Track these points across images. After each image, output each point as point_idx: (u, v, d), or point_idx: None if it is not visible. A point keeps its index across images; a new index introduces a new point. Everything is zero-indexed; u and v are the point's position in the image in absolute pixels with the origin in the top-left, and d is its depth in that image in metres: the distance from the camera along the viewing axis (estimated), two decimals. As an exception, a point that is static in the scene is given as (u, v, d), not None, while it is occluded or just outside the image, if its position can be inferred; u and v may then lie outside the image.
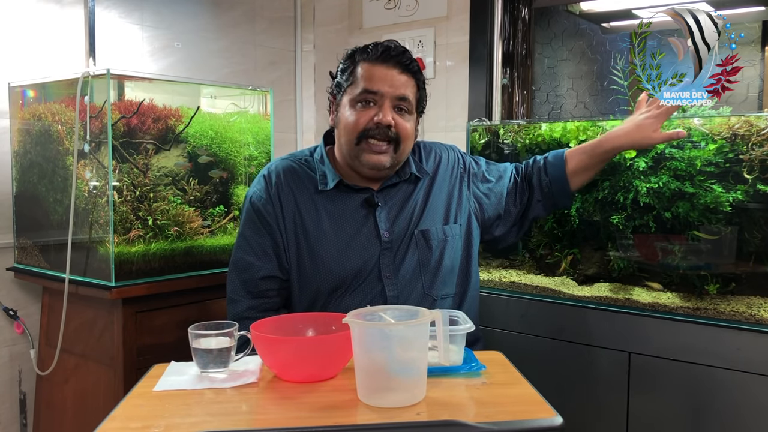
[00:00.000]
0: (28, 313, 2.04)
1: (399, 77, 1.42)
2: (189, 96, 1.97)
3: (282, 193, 1.49)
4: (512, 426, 0.94)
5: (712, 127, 1.65)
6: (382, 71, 1.42)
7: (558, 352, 1.79)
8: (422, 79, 1.50)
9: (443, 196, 1.57)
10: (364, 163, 1.45)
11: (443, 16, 2.57)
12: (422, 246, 1.50)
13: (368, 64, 1.43)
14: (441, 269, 1.51)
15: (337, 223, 1.47)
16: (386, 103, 1.42)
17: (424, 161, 1.59)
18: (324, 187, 1.48)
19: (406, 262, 1.48)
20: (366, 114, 1.42)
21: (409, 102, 1.45)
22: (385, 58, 1.42)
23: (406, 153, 1.49)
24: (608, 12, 2.91)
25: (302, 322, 1.25)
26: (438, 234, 1.52)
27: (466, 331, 1.18)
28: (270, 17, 2.75)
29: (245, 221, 1.52)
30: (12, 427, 2.04)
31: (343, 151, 1.49)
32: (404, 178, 1.53)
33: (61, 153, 1.82)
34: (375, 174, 1.48)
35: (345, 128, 1.45)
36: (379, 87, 1.41)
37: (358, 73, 1.44)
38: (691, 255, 1.69)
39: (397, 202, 1.52)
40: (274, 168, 1.54)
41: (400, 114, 1.44)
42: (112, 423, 0.97)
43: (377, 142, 1.42)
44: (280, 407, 1.03)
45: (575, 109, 3.00)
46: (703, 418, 1.59)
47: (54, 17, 2.07)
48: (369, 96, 1.42)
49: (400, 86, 1.42)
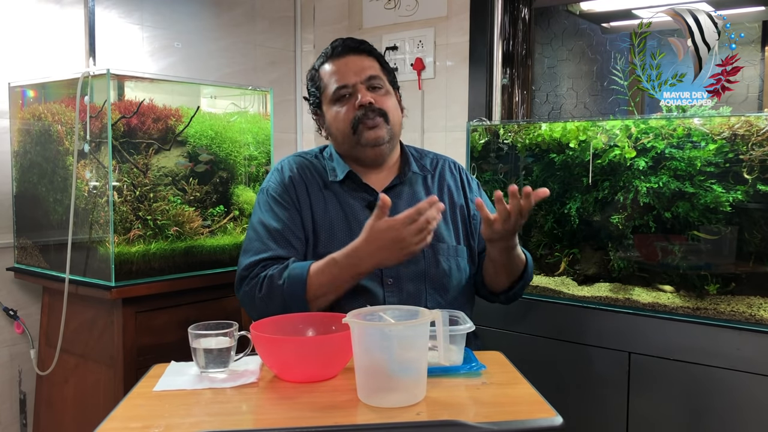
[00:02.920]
0: (28, 313, 2.04)
1: (359, 62, 1.51)
2: (189, 96, 1.97)
3: (296, 184, 1.51)
4: (512, 426, 0.95)
5: (712, 127, 1.65)
6: (342, 63, 1.51)
7: (558, 352, 1.79)
8: (379, 55, 1.57)
9: (455, 214, 1.56)
10: (365, 143, 1.48)
11: (443, 16, 2.57)
12: (429, 259, 1.47)
13: (328, 64, 1.53)
14: (449, 288, 1.48)
15: (343, 221, 1.48)
16: (361, 88, 1.49)
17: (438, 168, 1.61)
18: (334, 178, 1.51)
19: (409, 271, 1.45)
20: (348, 105, 1.49)
21: (379, 78, 1.51)
22: (340, 52, 1.52)
23: (397, 124, 1.53)
24: (608, 12, 2.91)
25: (302, 322, 1.25)
26: (449, 251, 1.50)
27: (466, 331, 1.18)
28: (270, 17, 2.75)
29: (263, 208, 1.50)
30: (12, 427, 2.04)
31: (344, 148, 1.52)
32: (405, 178, 1.54)
33: (61, 153, 1.82)
34: (377, 153, 1.49)
35: (337, 128, 1.51)
36: (346, 79, 1.49)
37: (325, 77, 1.53)
38: (691, 255, 1.69)
39: (401, 205, 1.50)
40: (286, 162, 1.57)
41: (375, 92, 1.50)
42: (112, 423, 0.97)
43: (369, 119, 1.47)
44: (280, 407, 1.03)
45: (575, 109, 3.00)
46: (703, 418, 1.59)
47: (54, 17, 2.07)
48: (343, 90, 1.49)
49: (364, 68, 1.50)
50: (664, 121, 1.70)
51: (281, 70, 2.81)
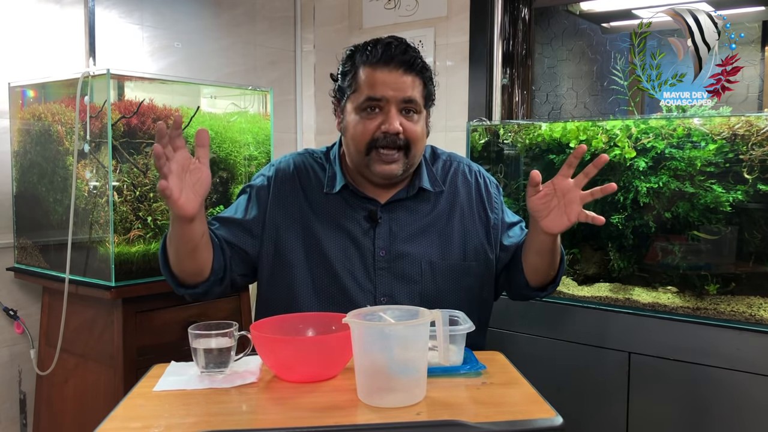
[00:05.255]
0: (28, 313, 2.04)
1: (403, 79, 1.33)
2: (189, 96, 1.97)
3: (287, 186, 1.44)
4: (512, 426, 0.94)
5: (712, 127, 1.65)
6: (385, 75, 1.33)
7: (558, 352, 1.79)
8: (428, 75, 1.40)
9: (464, 229, 1.45)
10: (376, 174, 1.37)
11: (443, 16, 2.57)
12: (427, 279, 1.39)
13: (369, 68, 1.34)
14: (445, 305, 1.32)
15: (337, 231, 1.41)
16: (392, 108, 1.33)
17: (449, 177, 1.49)
18: (330, 190, 1.42)
19: (405, 291, 1.39)
20: (372, 122, 1.34)
21: (416, 102, 1.36)
22: (387, 60, 1.33)
23: (418, 155, 1.40)
24: (608, 12, 2.91)
25: (302, 322, 1.25)
26: (451, 270, 1.41)
27: (466, 331, 1.18)
28: (270, 17, 2.75)
29: (239, 196, 1.48)
30: (12, 427, 2.04)
31: (354, 161, 1.40)
32: (412, 193, 1.42)
33: (61, 153, 1.82)
34: (385, 182, 1.40)
35: (353, 139, 1.37)
36: (383, 93, 1.32)
37: (360, 79, 1.35)
38: (691, 255, 1.69)
39: (403, 220, 1.42)
40: (286, 159, 1.49)
41: (408, 116, 1.35)
42: (112, 423, 0.97)
43: (387, 151, 1.34)
44: (280, 407, 1.03)
45: (575, 109, 3.00)
46: (703, 418, 1.59)
47: (54, 17, 2.07)
48: (373, 103, 1.34)
49: (405, 89, 1.33)
50: (664, 121, 1.70)
51: (281, 70, 2.81)
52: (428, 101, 1.41)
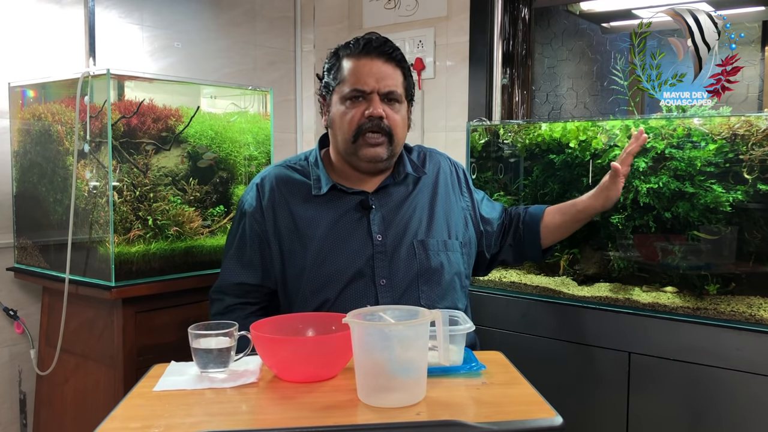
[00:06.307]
0: (28, 313, 2.04)
1: (384, 68, 1.46)
2: (189, 96, 1.97)
3: (275, 202, 1.51)
4: (512, 426, 0.95)
5: (712, 127, 1.65)
6: (367, 65, 1.45)
7: (558, 352, 1.79)
8: (407, 67, 1.52)
9: (446, 209, 1.57)
10: (362, 158, 1.47)
11: (443, 16, 2.57)
12: (421, 257, 1.48)
13: (352, 59, 1.47)
14: (441, 283, 1.49)
15: (331, 227, 1.47)
16: (375, 96, 1.45)
17: (427, 164, 1.61)
18: (318, 191, 1.49)
19: (402, 271, 1.46)
20: (357, 110, 1.45)
21: (397, 93, 1.47)
22: (368, 50, 1.46)
23: (400, 143, 1.51)
24: (608, 12, 2.91)
25: (302, 322, 1.25)
26: (439, 246, 1.51)
27: (466, 331, 1.18)
28: (270, 17, 2.75)
29: (237, 225, 1.56)
30: (12, 427, 2.04)
31: (340, 149, 1.50)
32: (399, 179, 1.53)
33: (61, 153, 1.82)
34: (373, 167, 1.50)
35: (340, 128, 1.48)
36: (365, 83, 1.44)
37: (343, 71, 1.47)
38: (691, 255, 1.69)
39: (393, 205, 1.51)
40: (266, 176, 1.56)
41: (390, 104, 1.47)
42: (112, 423, 0.97)
43: (373, 135, 1.45)
44: (280, 407, 1.03)
45: (575, 109, 3.00)
46: (703, 418, 1.59)
47: (54, 17, 2.07)
48: (357, 93, 1.45)
49: (386, 78, 1.45)
50: (664, 121, 1.70)
51: (281, 70, 2.81)
52: (408, 93, 1.53)
